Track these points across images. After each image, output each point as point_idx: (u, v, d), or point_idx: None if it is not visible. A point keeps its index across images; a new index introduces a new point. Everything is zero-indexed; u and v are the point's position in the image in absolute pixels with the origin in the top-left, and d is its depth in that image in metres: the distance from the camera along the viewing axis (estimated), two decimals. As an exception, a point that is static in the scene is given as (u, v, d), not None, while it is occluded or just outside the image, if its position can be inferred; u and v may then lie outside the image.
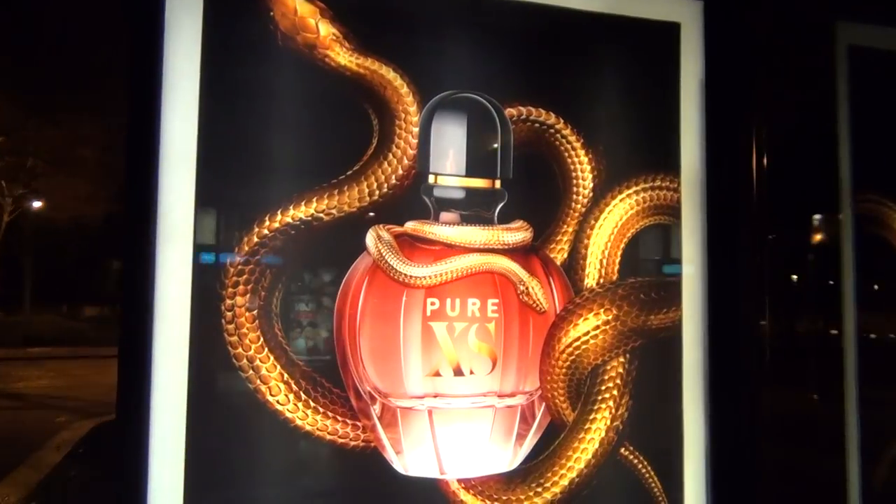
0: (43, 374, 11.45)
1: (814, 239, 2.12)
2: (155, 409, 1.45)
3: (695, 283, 1.84)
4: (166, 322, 1.47)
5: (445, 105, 1.65)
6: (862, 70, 2.02)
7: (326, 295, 1.58)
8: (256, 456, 1.53)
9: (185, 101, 1.51)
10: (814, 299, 1.97)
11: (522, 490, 1.68)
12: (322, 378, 1.56)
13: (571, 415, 1.72)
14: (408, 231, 1.63)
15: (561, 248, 1.73)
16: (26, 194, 18.29)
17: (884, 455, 2.03)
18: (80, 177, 17.29)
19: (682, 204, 1.84)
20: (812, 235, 2.14)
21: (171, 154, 1.49)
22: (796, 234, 2.17)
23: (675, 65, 1.86)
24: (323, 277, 1.59)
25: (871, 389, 1.99)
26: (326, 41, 1.59)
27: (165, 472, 1.45)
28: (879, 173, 2.05)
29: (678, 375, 1.82)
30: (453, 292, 1.63)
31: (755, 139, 1.89)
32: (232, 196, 1.55)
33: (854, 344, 2.00)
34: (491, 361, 1.65)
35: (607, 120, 1.79)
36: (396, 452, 1.60)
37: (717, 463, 1.83)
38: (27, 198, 18.50)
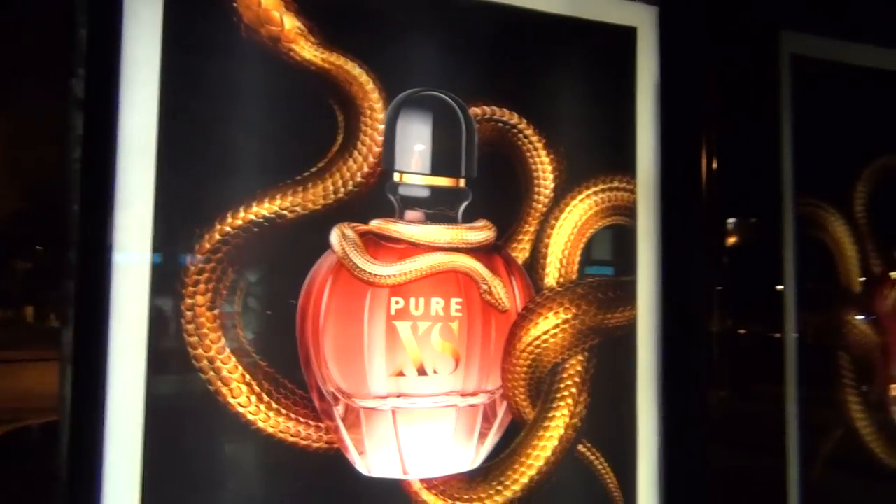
0: (-56, 377, 10.82)
1: (758, 240, 2.20)
2: (111, 413, 1.39)
3: (649, 283, 1.89)
4: (123, 322, 1.41)
5: (411, 103, 1.64)
6: (804, 78, 2.11)
7: (290, 294, 1.55)
8: (217, 459, 1.48)
9: (144, 94, 1.45)
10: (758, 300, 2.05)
11: (483, 488, 1.68)
12: (285, 379, 1.52)
13: (532, 413, 1.73)
14: (373, 229, 1.61)
15: (522, 247, 1.74)
16: (-73, 186, 17.30)
17: (820, 453, 2.12)
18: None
19: (637, 205, 1.88)
20: (757, 237, 2.22)
21: (129, 148, 1.43)
22: (742, 235, 2.25)
23: (632, 69, 1.90)
24: (286, 276, 1.56)
25: (811, 389, 2.08)
26: (291, 34, 1.55)
27: (121, 477, 1.39)
28: (818, 178, 2.14)
29: (633, 373, 1.86)
30: (417, 291, 1.62)
31: (706, 142, 1.95)
32: (193, 192, 1.50)
33: (794, 344, 2.08)
34: (454, 361, 1.65)
35: (568, 121, 1.82)
36: (359, 453, 1.58)
37: (668, 461, 1.87)
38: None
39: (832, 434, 2.15)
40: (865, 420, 2.17)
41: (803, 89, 2.10)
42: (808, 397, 2.07)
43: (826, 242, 2.18)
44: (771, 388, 2.08)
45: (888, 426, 2.21)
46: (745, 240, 2.26)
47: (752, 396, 2.21)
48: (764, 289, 2.16)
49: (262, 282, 1.54)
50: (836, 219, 2.18)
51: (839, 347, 2.18)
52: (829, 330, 2.18)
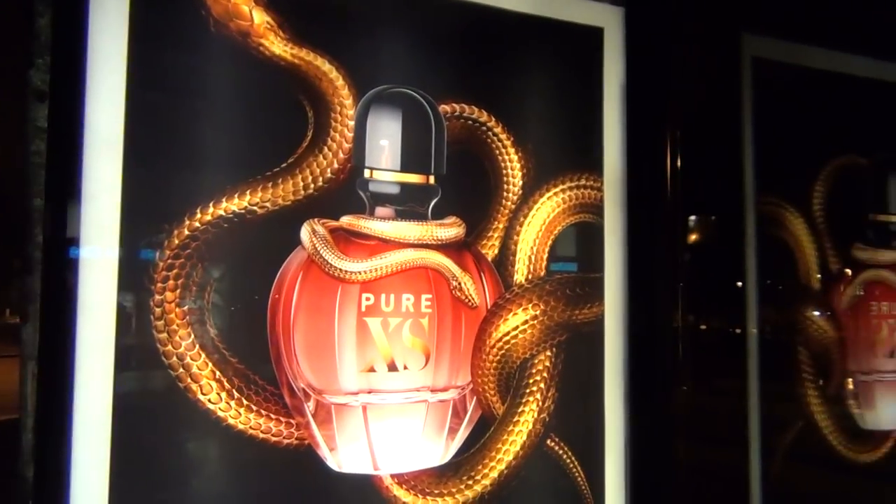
0: None
1: (721, 238, 2.25)
2: (77, 410, 1.37)
3: (616, 280, 1.91)
4: (90, 319, 1.39)
5: (381, 99, 1.64)
6: (765, 80, 2.16)
7: (260, 290, 1.54)
8: (187, 456, 1.47)
9: (110, 86, 1.43)
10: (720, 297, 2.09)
11: (454, 483, 1.69)
12: (255, 375, 1.51)
13: (501, 408, 1.75)
14: (343, 225, 1.61)
15: (492, 244, 1.76)
16: None
17: (781, 446, 2.17)
18: (-62, 166, 16.03)
19: (604, 202, 1.90)
20: (720, 235, 2.27)
21: (95, 141, 1.41)
22: (706, 233, 2.30)
23: (599, 68, 1.93)
24: (256, 272, 1.55)
25: (771, 383, 2.13)
26: (260, 29, 1.55)
27: (89, 475, 1.37)
28: (779, 178, 2.19)
29: (601, 369, 1.88)
30: (388, 287, 1.63)
31: (670, 142, 1.98)
32: (161, 187, 1.48)
33: (756, 340, 2.13)
34: (424, 357, 1.66)
35: (536, 119, 1.84)
36: (330, 449, 1.57)
37: (635, 453, 1.90)
38: None
39: (792, 427, 2.20)
40: (824, 413, 2.23)
41: (764, 91, 2.16)
42: (769, 392, 2.12)
43: (786, 240, 2.23)
44: (734, 383, 2.12)
45: (845, 419, 2.27)
46: (708, 237, 2.31)
47: (716, 391, 2.26)
48: (726, 285, 2.21)
49: (231, 278, 1.53)
50: (795, 217, 2.23)
51: (799, 343, 2.23)
52: (788, 326, 2.23)
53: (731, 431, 2.16)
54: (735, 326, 2.16)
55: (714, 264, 2.23)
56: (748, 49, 2.15)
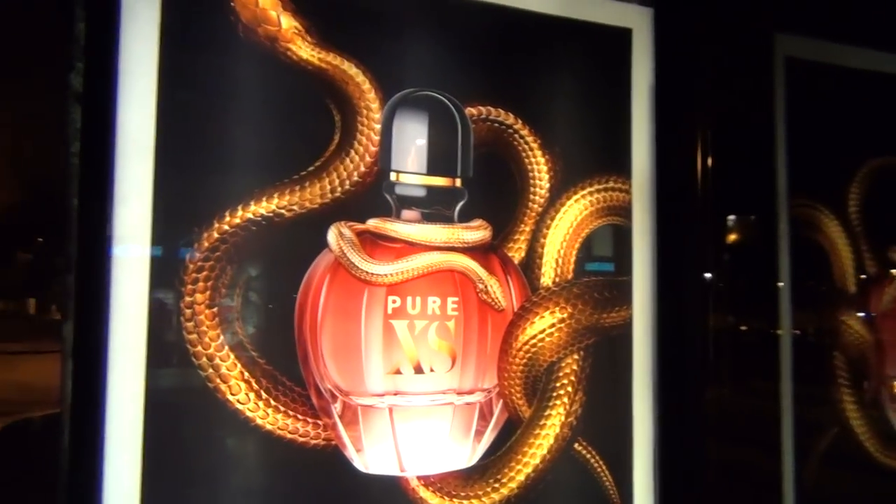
0: (-58, 375, 10.81)
1: (753, 240, 2.21)
2: (110, 409, 1.40)
3: (644, 282, 1.90)
4: (122, 319, 1.42)
5: (407, 103, 1.65)
6: (798, 80, 2.12)
7: (287, 292, 1.56)
8: (216, 455, 1.49)
9: (141, 91, 1.46)
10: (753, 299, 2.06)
11: (480, 486, 1.69)
12: (283, 376, 1.53)
13: (528, 411, 1.74)
14: (369, 228, 1.62)
15: (518, 247, 1.75)
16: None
17: (814, 452, 2.14)
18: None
19: (632, 205, 1.89)
20: (752, 237, 2.24)
21: (127, 146, 1.45)
22: (737, 235, 2.27)
23: (627, 69, 1.91)
24: (284, 274, 1.57)
25: (806, 386, 2.10)
26: (288, 34, 1.57)
27: (121, 473, 1.40)
28: (813, 179, 2.15)
29: (629, 372, 1.87)
30: (414, 290, 1.63)
31: (701, 143, 1.96)
32: (191, 190, 1.51)
33: (789, 343, 2.10)
34: (451, 359, 1.66)
35: (563, 122, 1.83)
36: (357, 450, 1.59)
37: (664, 459, 1.88)
38: (-74, 190, 17.45)
39: (828, 432, 2.16)
40: (860, 419, 2.19)
41: (797, 91, 2.12)
42: (803, 395, 2.09)
43: (821, 243, 2.19)
44: (767, 386, 2.09)
45: (882, 424, 2.23)
46: (739, 239, 2.28)
47: (748, 395, 2.23)
48: (759, 288, 2.17)
49: (260, 280, 1.55)
50: (830, 220, 2.19)
51: (834, 347, 2.19)
52: (823, 329, 2.19)
53: (763, 435, 2.13)
54: (768, 329, 2.12)
55: (746, 267, 2.20)
56: (781, 49, 2.12)
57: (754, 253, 2.17)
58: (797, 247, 2.12)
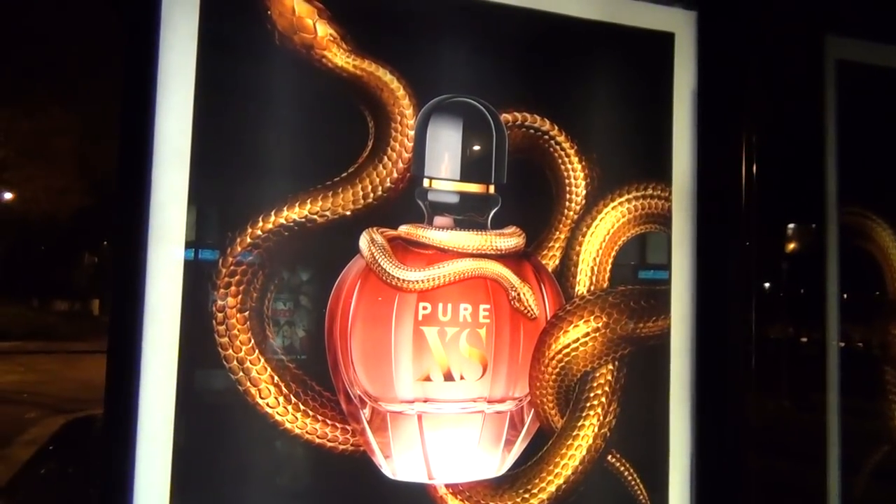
0: (12, 369, 11.27)
1: (799, 249, 2.15)
2: (143, 409, 1.43)
3: (683, 292, 1.86)
4: (156, 321, 1.45)
5: (441, 109, 1.64)
6: (849, 84, 2.05)
7: (318, 297, 1.57)
8: (244, 458, 1.51)
9: (179, 99, 1.49)
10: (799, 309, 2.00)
11: (510, 496, 1.68)
12: (312, 381, 1.54)
13: (560, 421, 1.72)
14: (401, 234, 1.62)
15: (553, 254, 1.73)
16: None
17: (864, 465, 2.06)
18: (52, 169, 17.05)
19: (672, 212, 1.85)
20: (798, 245, 2.17)
21: (164, 151, 1.48)
22: (783, 243, 2.20)
23: (669, 74, 1.87)
24: (315, 280, 1.58)
25: (853, 399, 2.02)
26: (324, 42, 1.58)
27: (152, 472, 1.43)
28: (865, 186, 2.08)
29: (665, 384, 1.83)
30: (445, 297, 1.63)
31: (745, 149, 1.91)
32: (225, 195, 1.54)
33: (836, 354, 2.03)
34: (481, 367, 1.65)
35: (601, 128, 1.80)
36: (385, 457, 1.59)
37: (701, 472, 1.84)
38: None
39: (876, 446, 2.08)
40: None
41: (849, 95, 2.05)
42: (850, 408, 2.01)
43: (872, 252, 2.11)
44: (812, 398, 2.02)
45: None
46: (786, 248, 2.21)
47: (792, 407, 2.16)
48: (806, 298, 2.11)
49: (291, 285, 1.57)
50: (882, 228, 2.11)
51: (885, 360, 2.11)
52: (873, 342, 2.11)
53: (808, 449, 2.06)
54: (814, 340, 2.06)
55: (793, 276, 2.13)
56: (832, 51, 2.05)
57: (801, 262, 2.11)
58: (847, 256, 2.04)
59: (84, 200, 17.56)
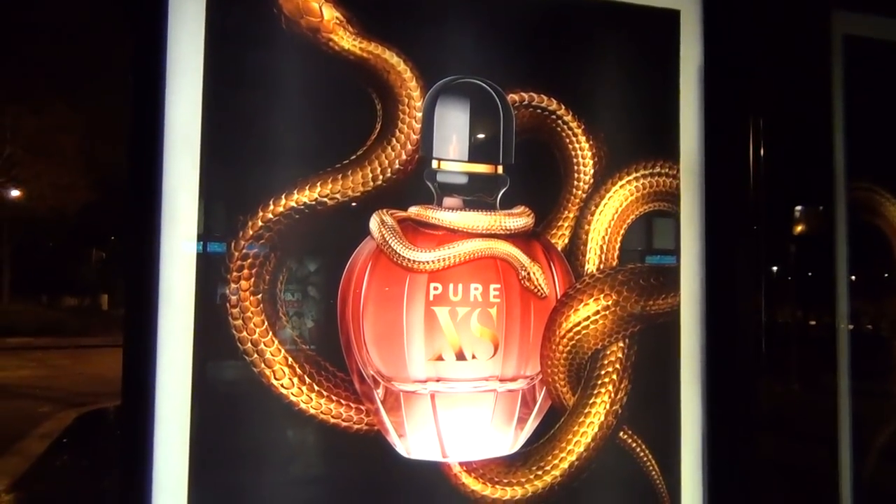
0: (24, 365, 11.35)
1: (808, 226, 2.14)
2: (159, 394, 1.45)
3: (693, 270, 1.86)
4: (170, 306, 1.46)
5: (449, 90, 1.65)
6: (857, 59, 2.04)
7: (330, 279, 1.58)
8: (260, 439, 1.53)
9: (188, 85, 1.50)
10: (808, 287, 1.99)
11: (523, 473, 1.69)
12: (326, 362, 1.56)
13: (571, 399, 1.73)
14: (411, 216, 1.63)
15: (562, 233, 1.74)
16: (4, 183, 18.05)
17: (873, 445, 2.07)
18: (59, 165, 17.12)
19: (680, 190, 1.85)
20: (807, 223, 2.17)
21: (174, 138, 1.49)
22: (792, 221, 2.20)
23: (675, 52, 1.87)
24: (327, 262, 1.59)
25: (864, 379, 2.02)
26: (330, 25, 1.58)
27: (170, 455, 1.45)
28: (873, 161, 2.07)
29: (676, 361, 1.84)
30: (456, 277, 1.64)
31: (752, 127, 1.91)
32: (236, 180, 1.55)
33: (847, 334, 2.03)
34: (493, 346, 1.66)
35: (608, 106, 1.80)
36: (399, 436, 1.60)
37: (713, 448, 1.85)
38: (5, 186, 18.25)
39: (888, 426, 2.09)
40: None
41: (856, 71, 2.04)
42: (861, 389, 2.02)
43: (882, 228, 2.11)
44: (823, 378, 2.03)
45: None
46: (794, 226, 2.21)
47: (803, 386, 2.16)
48: (815, 276, 2.11)
49: (303, 267, 1.58)
50: (892, 204, 2.11)
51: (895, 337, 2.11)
52: (884, 319, 2.12)
53: (819, 428, 2.07)
54: (825, 319, 2.06)
55: (802, 253, 2.13)
56: (839, 27, 2.04)
57: (810, 239, 2.10)
58: (856, 233, 2.04)
59: (91, 196, 17.65)
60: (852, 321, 2.04)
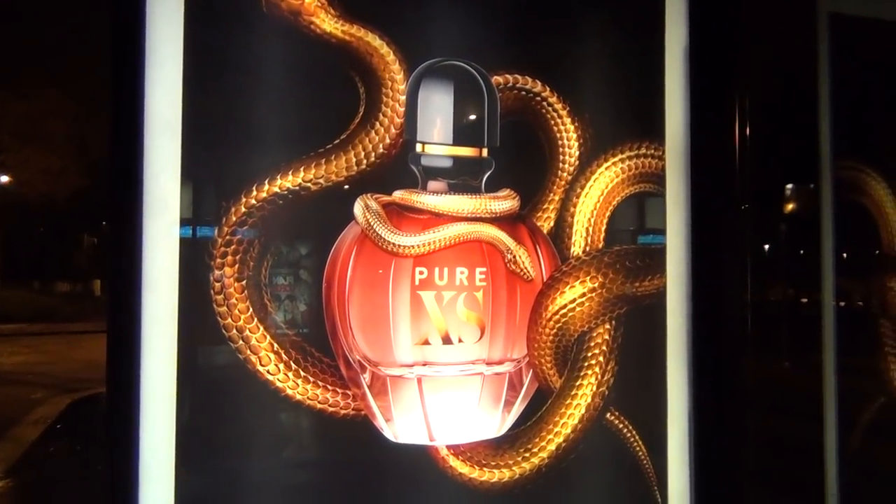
0: (17, 351, 11.34)
1: (795, 203, 2.15)
2: (144, 381, 1.45)
3: (678, 251, 1.86)
4: (154, 293, 1.46)
5: (432, 73, 1.64)
6: (842, 37, 2.04)
7: (315, 265, 1.58)
8: (247, 426, 1.53)
9: (168, 69, 1.48)
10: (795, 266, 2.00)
11: (510, 455, 1.70)
12: (312, 347, 1.56)
13: (558, 381, 1.74)
14: (396, 200, 1.62)
15: (547, 216, 1.74)
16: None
17: (858, 421, 2.08)
18: (48, 151, 16.99)
19: (666, 172, 1.85)
20: (793, 201, 2.17)
21: (155, 123, 1.47)
22: (778, 200, 2.20)
23: (660, 32, 1.86)
24: (311, 247, 1.59)
25: (850, 356, 2.04)
26: (311, 7, 1.57)
27: (156, 443, 1.45)
28: (859, 140, 2.07)
29: (662, 342, 1.84)
30: (441, 261, 1.63)
31: (738, 107, 1.90)
32: (218, 166, 1.54)
33: (833, 311, 2.04)
34: (479, 330, 1.66)
35: (593, 88, 1.79)
36: (386, 420, 1.61)
37: (699, 428, 1.86)
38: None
39: (873, 402, 2.10)
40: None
41: (842, 49, 2.03)
42: (847, 365, 2.03)
43: (867, 206, 2.12)
44: (808, 356, 2.04)
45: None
46: (781, 205, 2.21)
47: (789, 364, 2.18)
48: (801, 255, 2.11)
49: (287, 253, 1.58)
50: (877, 182, 2.11)
51: (881, 315, 2.12)
52: (869, 296, 2.13)
53: (805, 406, 2.08)
54: (811, 297, 2.07)
55: (788, 232, 2.13)
56: (825, 4, 2.03)
57: (796, 218, 2.11)
58: (842, 211, 2.05)
59: (82, 181, 17.54)
60: (839, 299, 2.04)
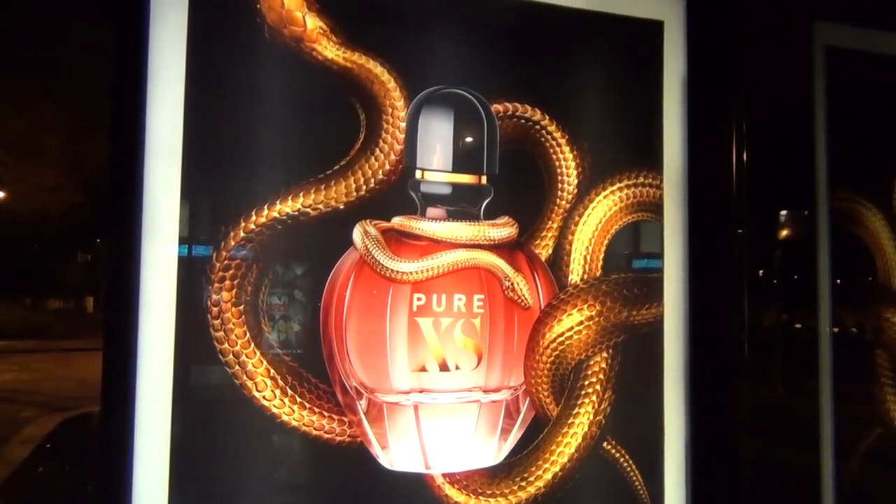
0: (7, 368, 11.26)
1: (791, 235, 2.16)
2: (140, 404, 1.44)
3: (676, 279, 1.87)
4: (151, 317, 1.45)
5: (433, 100, 1.65)
6: (839, 70, 2.06)
7: (313, 290, 1.58)
8: (242, 451, 1.52)
9: (170, 93, 1.49)
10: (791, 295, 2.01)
11: (507, 484, 1.69)
12: (308, 373, 1.55)
13: (555, 409, 1.73)
14: (394, 226, 1.62)
15: (546, 244, 1.74)
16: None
17: (855, 451, 2.08)
18: (43, 167, 16.98)
19: (664, 200, 1.86)
20: (789, 231, 2.18)
21: (156, 146, 1.48)
22: (775, 229, 2.21)
23: (659, 63, 1.88)
24: (309, 273, 1.59)
25: (846, 384, 2.04)
26: (313, 34, 1.58)
27: (150, 467, 1.44)
28: (854, 171, 2.09)
29: (659, 370, 1.84)
30: (439, 288, 1.63)
31: (735, 137, 1.92)
32: (218, 190, 1.54)
33: (829, 339, 2.04)
34: (476, 357, 1.66)
35: (592, 117, 1.81)
36: (382, 447, 1.60)
37: (696, 457, 1.85)
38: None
39: (869, 432, 2.10)
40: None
41: (838, 81, 2.06)
42: (843, 394, 2.03)
43: (863, 238, 2.13)
44: (805, 384, 2.03)
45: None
46: (777, 234, 2.22)
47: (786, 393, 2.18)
48: (797, 284, 2.12)
49: (285, 278, 1.57)
50: (873, 214, 2.12)
51: (877, 345, 2.12)
52: (865, 326, 2.13)
53: (802, 435, 2.08)
54: (807, 326, 2.07)
55: (784, 262, 2.15)
56: (821, 38, 2.05)
57: (793, 248, 2.12)
58: (838, 242, 2.06)
59: (76, 198, 17.52)
60: (835, 327, 2.05)
